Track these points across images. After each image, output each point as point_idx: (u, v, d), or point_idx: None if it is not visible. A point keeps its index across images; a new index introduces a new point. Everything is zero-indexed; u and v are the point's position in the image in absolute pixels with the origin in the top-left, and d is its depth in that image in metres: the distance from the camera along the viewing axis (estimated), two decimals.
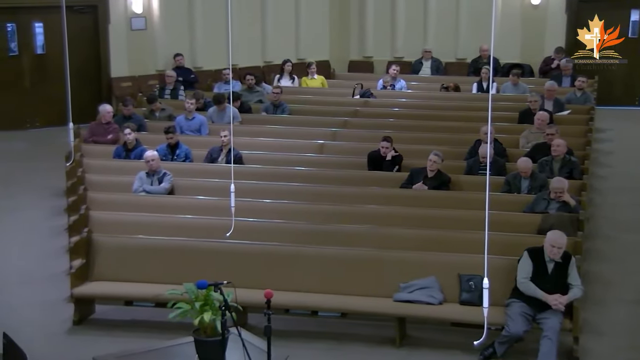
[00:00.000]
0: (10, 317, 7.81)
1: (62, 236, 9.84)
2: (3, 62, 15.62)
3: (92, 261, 8.12)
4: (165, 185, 9.84)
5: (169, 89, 14.65)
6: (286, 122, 12.97)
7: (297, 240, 8.28)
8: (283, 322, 7.67)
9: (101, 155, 11.33)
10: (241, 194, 8.24)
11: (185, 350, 6.00)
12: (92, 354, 6.22)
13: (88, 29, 16.15)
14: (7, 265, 9.37)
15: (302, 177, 10.32)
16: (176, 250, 8.10)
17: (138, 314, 8.11)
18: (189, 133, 11.99)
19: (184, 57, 16.41)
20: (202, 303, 5.76)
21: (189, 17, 17.05)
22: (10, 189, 12.24)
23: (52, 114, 15.32)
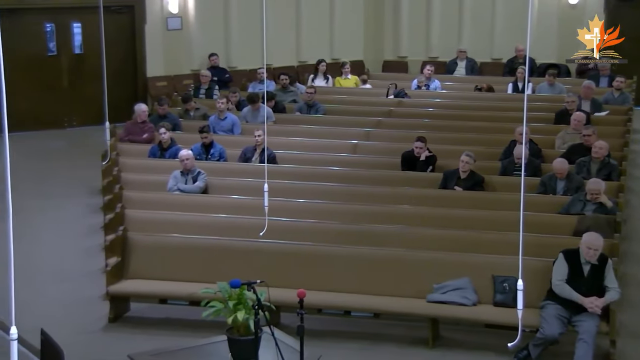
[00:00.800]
0: (48, 314, 7.91)
1: (99, 234, 9.95)
2: (42, 62, 15.84)
3: (128, 259, 8.20)
4: (200, 184, 9.90)
5: (203, 89, 14.74)
6: (320, 122, 12.98)
7: (331, 240, 8.28)
8: (316, 321, 7.67)
9: (136, 154, 11.43)
10: (274, 194, 8.26)
11: (218, 349, 6.03)
12: (127, 351, 6.27)
13: (125, 29, 16.32)
14: (45, 262, 9.49)
15: (336, 177, 10.32)
16: (210, 249, 8.14)
17: (172, 312, 8.16)
18: (221, 133, 12.04)
19: (219, 56, 16.52)
20: (235, 302, 5.78)
21: (224, 17, 17.15)
22: (49, 187, 12.41)
23: (89, 113, 15.50)
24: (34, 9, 15.48)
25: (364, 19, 18.75)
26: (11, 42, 14.50)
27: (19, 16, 15.11)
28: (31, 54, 15.59)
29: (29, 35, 15.56)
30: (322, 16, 18.18)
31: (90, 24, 14.93)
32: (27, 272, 8.64)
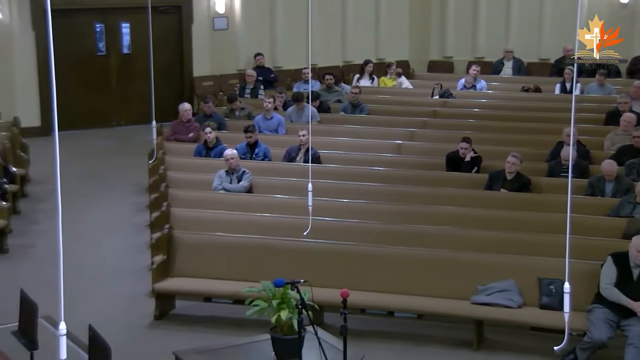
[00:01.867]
0: (95, 310, 8.03)
1: (145, 232, 10.07)
2: (92, 62, 16.08)
3: (173, 257, 8.28)
4: (244, 183, 9.96)
5: (249, 88, 14.82)
6: (364, 122, 12.96)
7: (374, 240, 8.26)
8: (359, 321, 7.67)
9: (182, 153, 11.53)
10: (319, 193, 8.26)
11: (262, 347, 6.06)
12: (172, 348, 6.33)
13: (172, 29, 16.49)
14: (92, 259, 9.63)
15: (380, 177, 10.30)
16: (254, 248, 8.18)
17: (216, 310, 8.22)
18: (267, 132, 12.09)
19: (265, 56, 16.60)
20: (279, 301, 5.81)
21: (270, 17, 17.23)
22: (97, 185, 12.60)
23: (137, 112, 15.70)
24: (85, 9, 15.73)
25: (410, 18, 18.67)
26: (62, 42, 14.76)
27: (70, 17, 15.36)
28: (81, 54, 15.84)
29: (80, 36, 15.81)
30: (367, 16, 18.16)
31: (139, 24, 15.12)
32: (75, 269, 8.77)
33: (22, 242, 10.13)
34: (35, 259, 9.58)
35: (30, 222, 10.88)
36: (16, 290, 6.43)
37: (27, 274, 8.96)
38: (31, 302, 6.08)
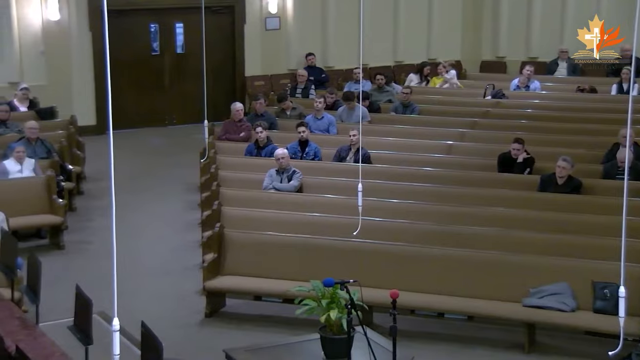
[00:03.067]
0: (148, 307, 8.14)
1: (196, 230, 10.17)
2: (146, 61, 16.31)
3: (224, 256, 8.35)
4: (295, 183, 9.99)
5: (300, 88, 14.87)
6: (415, 122, 12.90)
7: (425, 240, 8.22)
8: (408, 322, 7.64)
9: (233, 153, 11.62)
10: (369, 193, 8.25)
11: (311, 346, 6.08)
12: (223, 346, 6.39)
13: (225, 29, 16.63)
14: (145, 256, 9.77)
15: (430, 178, 10.24)
16: (304, 247, 8.20)
17: (266, 308, 8.27)
18: (318, 132, 12.12)
19: (316, 56, 16.63)
20: (328, 301, 5.82)
21: (321, 16, 17.27)
22: (150, 183, 12.77)
23: (189, 112, 15.87)
24: (140, 10, 15.95)
25: (462, 18, 18.52)
26: (118, 42, 15.00)
27: (126, 17, 15.60)
28: (136, 54, 16.07)
29: (135, 36, 16.05)
30: (419, 16, 18.07)
31: (192, 24, 15.30)
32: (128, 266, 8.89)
33: (77, 238, 10.32)
34: (90, 256, 9.76)
35: (85, 219, 11.08)
36: (72, 286, 6.55)
37: (82, 270, 9.12)
38: (86, 298, 6.19)
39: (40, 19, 14.97)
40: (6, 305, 6.92)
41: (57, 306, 7.57)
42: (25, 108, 13.31)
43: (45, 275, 7.09)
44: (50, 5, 14.92)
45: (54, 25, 15.03)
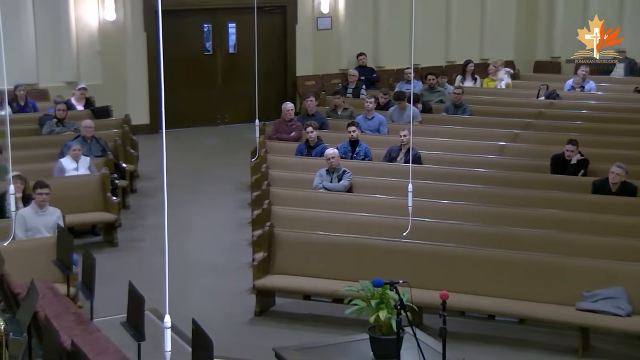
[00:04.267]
0: (199, 305, 8.24)
1: (246, 229, 10.25)
2: (199, 61, 16.47)
3: (274, 255, 8.39)
4: (345, 182, 9.99)
5: (351, 88, 14.86)
6: (467, 122, 12.79)
7: (475, 242, 8.15)
8: (458, 324, 7.59)
9: (284, 152, 11.67)
10: (419, 194, 8.23)
11: (360, 346, 6.08)
12: (272, 344, 6.43)
13: (276, 28, 16.71)
14: (196, 254, 9.88)
15: (482, 179, 10.15)
16: (353, 247, 8.20)
17: (315, 308, 8.29)
18: (368, 132, 12.10)
19: (367, 56, 16.61)
20: (378, 301, 5.81)
21: (373, 16, 17.24)
22: (201, 181, 12.90)
23: (240, 111, 15.98)
24: (193, 10, 16.12)
25: (516, 18, 18.31)
26: (171, 42, 15.20)
27: (180, 17, 15.78)
28: (189, 54, 16.24)
29: (188, 36, 16.22)
30: (472, 15, 17.91)
31: (244, 24, 15.40)
32: (179, 264, 9.02)
33: (130, 236, 10.48)
34: (142, 253, 9.90)
35: (138, 216, 11.24)
36: (125, 283, 6.65)
37: (135, 267, 9.26)
38: (139, 295, 6.27)
39: (97, 19, 15.23)
40: (62, 300, 7.06)
41: (110, 302, 7.69)
42: (82, 107, 13.56)
43: (99, 272, 7.21)
44: (107, 5, 15.18)
45: (110, 25, 15.28)
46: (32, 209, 8.68)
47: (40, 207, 8.66)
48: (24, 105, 13.30)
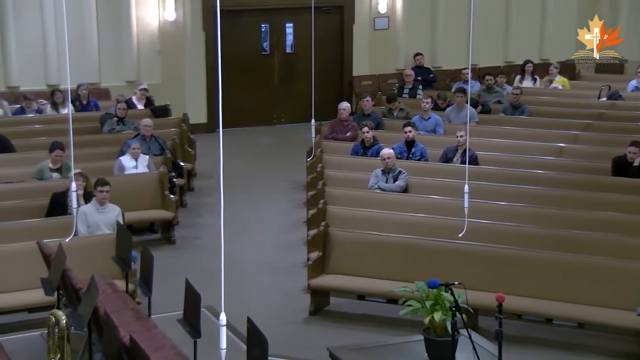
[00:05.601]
0: (254, 303, 8.29)
1: (302, 228, 10.29)
2: (256, 61, 16.60)
3: (328, 254, 8.40)
4: (400, 183, 9.96)
5: (407, 88, 14.80)
6: (525, 123, 12.63)
7: (532, 244, 8.05)
8: (515, 327, 7.50)
9: (340, 152, 11.68)
10: (475, 195, 8.15)
11: (415, 348, 6.05)
12: (327, 344, 6.45)
13: (333, 28, 16.74)
14: (251, 253, 9.95)
15: (540, 180, 10.01)
16: (408, 248, 8.17)
17: (370, 308, 8.28)
18: (424, 132, 12.04)
19: (424, 56, 16.52)
20: (432, 302, 5.78)
21: (431, 16, 17.16)
22: (257, 180, 12.99)
23: (297, 111, 16.05)
24: (252, 10, 16.25)
25: (577, 17, 17.98)
26: (229, 41, 15.35)
27: (238, 17, 15.93)
28: (246, 53, 16.37)
29: (246, 35, 16.36)
30: (532, 14, 17.66)
31: (302, 23, 15.47)
32: (235, 262, 9.10)
33: (187, 234, 10.61)
34: (199, 251, 10.02)
35: (195, 215, 11.38)
36: (181, 280, 6.74)
37: (192, 265, 9.37)
38: (195, 292, 6.35)
39: (157, 19, 15.48)
40: (121, 296, 7.18)
41: (167, 299, 7.80)
42: (142, 106, 13.79)
43: (156, 269, 7.31)
44: (167, 5, 15.41)
45: (169, 25, 15.51)
46: (93, 206, 8.85)
47: (101, 204, 8.83)
48: (86, 104, 13.57)
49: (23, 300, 7.67)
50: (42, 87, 14.57)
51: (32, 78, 14.54)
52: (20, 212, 9.16)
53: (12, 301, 7.66)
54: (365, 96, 12.81)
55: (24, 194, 9.67)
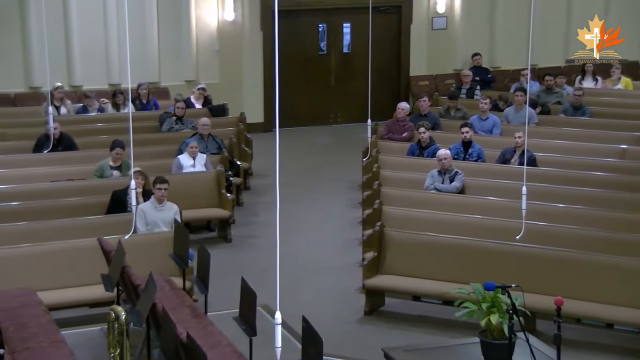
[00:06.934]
0: (309, 302, 8.32)
1: (357, 228, 10.28)
2: (313, 61, 16.65)
3: (384, 255, 8.38)
4: (457, 184, 9.88)
5: (465, 89, 14.68)
6: (586, 124, 12.42)
7: (593, 247, 7.90)
8: (574, 331, 7.38)
9: (396, 152, 11.64)
10: (533, 197, 8.05)
11: (471, 350, 6.00)
12: (381, 344, 6.43)
13: (391, 28, 16.69)
14: (306, 252, 9.99)
15: (601, 183, 9.83)
16: (464, 249, 8.10)
17: (425, 309, 8.23)
18: (482, 133, 11.93)
19: (482, 56, 16.36)
20: (489, 305, 5.72)
21: (490, 16, 16.98)
22: (313, 180, 13.04)
23: (353, 110, 16.02)
24: (309, 10, 16.31)
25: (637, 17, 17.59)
26: (287, 41, 15.43)
27: (296, 17, 16.01)
28: (303, 53, 16.44)
29: (303, 35, 16.44)
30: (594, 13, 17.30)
31: (359, 23, 15.46)
32: (290, 261, 9.14)
33: (244, 232, 10.69)
34: (255, 249, 10.09)
35: (251, 213, 11.46)
36: (237, 278, 6.79)
37: (248, 263, 9.45)
38: (251, 291, 6.39)
39: (216, 20, 15.64)
40: (178, 293, 7.28)
41: (223, 297, 7.87)
42: (200, 105, 13.96)
43: (213, 267, 7.39)
44: (227, 6, 15.56)
45: (228, 25, 15.66)
46: (152, 204, 8.98)
47: (159, 202, 8.95)
48: (145, 103, 13.79)
49: (84, 296, 7.82)
50: (104, 86, 14.85)
51: (95, 77, 14.83)
52: (82, 209, 9.35)
53: (74, 296, 7.83)
54: (423, 96, 12.76)
55: (85, 191, 9.86)
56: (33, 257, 7.99)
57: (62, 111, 13.27)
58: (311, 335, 5.45)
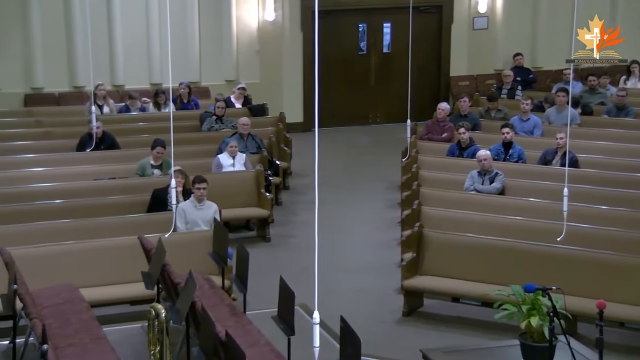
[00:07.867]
0: (347, 302, 8.32)
1: (396, 229, 10.26)
2: (353, 61, 16.65)
3: (422, 255, 8.35)
4: (497, 185, 9.81)
5: (506, 89, 14.56)
6: (630, 125, 12.24)
7: (634, 250, 7.78)
8: (616, 335, 7.27)
9: (435, 152, 11.59)
10: (575, 198, 7.96)
11: (510, 352, 5.94)
12: (420, 345, 6.40)
13: (431, 28, 16.62)
14: (345, 252, 10.00)
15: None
16: (504, 251, 8.03)
17: (464, 310, 8.18)
18: (522, 134, 11.82)
19: (524, 56, 16.21)
20: (529, 307, 5.67)
21: (532, 16, 16.83)
22: (352, 180, 13.04)
23: (393, 111, 16.00)
24: (349, 10, 16.32)
25: None
26: (327, 41, 15.45)
27: (336, 17, 16.02)
28: (343, 53, 16.45)
29: (343, 35, 16.44)
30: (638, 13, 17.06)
31: (399, 23, 15.42)
32: (329, 261, 9.15)
33: (282, 232, 10.73)
34: (293, 249, 10.11)
35: (290, 213, 11.49)
36: (276, 277, 6.81)
37: (286, 263, 9.47)
38: (289, 290, 6.40)
39: (256, 20, 15.72)
40: (217, 292, 7.33)
41: (262, 296, 7.90)
42: (240, 105, 14.04)
43: (252, 266, 7.42)
44: (267, 6, 15.64)
45: (269, 25, 15.73)
46: (191, 203, 9.05)
47: (199, 201, 9.02)
48: (186, 102, 13.91)
49: (125, 293, 7.90)
50: (145, 86, 15.01)
51: (137, 77, 15.01)
52: (123, 207, 9.46)
53: (115, 294, 7.91)
54: (463, 97, 12.68)
55: (126, 189, 9.97)
56: (75, 254, 8.10)
57: (104, 110, 13.46)
58: (349, 335, 5.45)
